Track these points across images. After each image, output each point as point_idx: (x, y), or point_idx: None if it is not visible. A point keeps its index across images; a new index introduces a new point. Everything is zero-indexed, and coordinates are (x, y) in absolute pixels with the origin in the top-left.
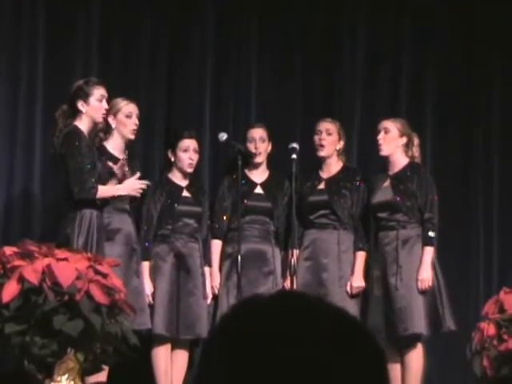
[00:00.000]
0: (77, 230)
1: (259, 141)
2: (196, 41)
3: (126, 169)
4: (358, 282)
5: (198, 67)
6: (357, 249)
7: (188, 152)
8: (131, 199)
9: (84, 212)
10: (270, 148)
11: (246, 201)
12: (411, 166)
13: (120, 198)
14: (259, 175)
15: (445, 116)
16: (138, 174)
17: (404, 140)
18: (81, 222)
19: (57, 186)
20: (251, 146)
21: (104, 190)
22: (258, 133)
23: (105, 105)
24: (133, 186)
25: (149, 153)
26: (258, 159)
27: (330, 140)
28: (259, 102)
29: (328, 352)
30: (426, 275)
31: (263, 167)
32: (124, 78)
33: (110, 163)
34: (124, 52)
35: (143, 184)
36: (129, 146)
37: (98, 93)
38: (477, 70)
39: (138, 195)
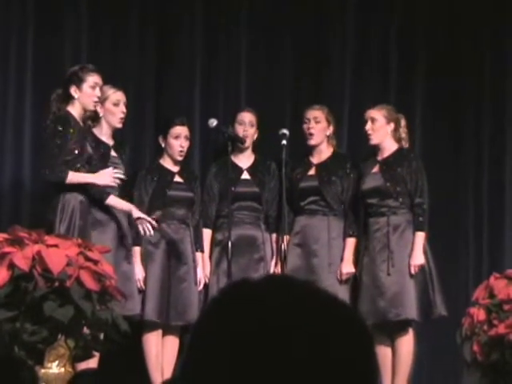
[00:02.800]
0: (59, 216)
1: (248, 124)
2: (185, 27)
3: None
4: (347, 268)
5: (188, 53)
6: (347, 235)
7: (179, 139)
8: (119, 185)
9: (67, 198)
10: (256, 135)
11: (233, 188)
12: (400, 151)
13: (94, 186)
14: (245, 160)
15: (435, 100)
16: (114, 170)
17: (392, 126)
18: (63, 208)
19: None
20: (240, 129)
21: (76, 176)
22: (248, 117)
23: (97, 92)
24: (109, 176)
25: (139, 139)
26: (246, 143)
27: (318, 128)
28: (249, 89)
29: (317, 335)
30: (419, 260)
31: (249, 152)
32: (113, 64)
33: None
34: (113, 39)
35: (118, 175)
36: (117, 132)
37: (92, 80)
38: (467, 55)
39: (114, 185)
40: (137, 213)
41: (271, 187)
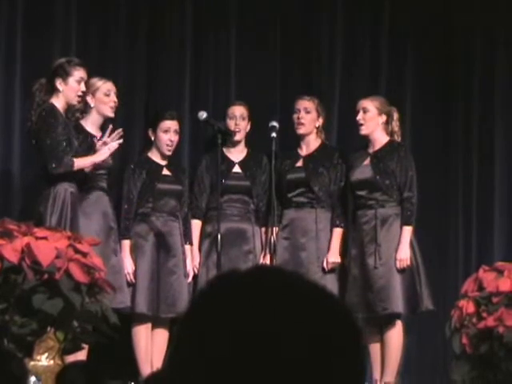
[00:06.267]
0: (50, 208)
1: (240, 118)
2: (175, 21)
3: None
4: (333, 257)
5: (178, 46)
6: (333, 225)
7: (168, 133)
8: (108, 175)
9: (58, 190)
10: (248, 127)
11: (223, 180)
12: (391, 144)
13: (100, 167)
14: (237, 154)
15: (425, 91)
16: (119, 130)
17: (383, 118)
18: (54, 200)
19: (35, 163)
20: (231, 123)
21: (79, 161)
22: (239, 110)
23: (82, 87)
24: (107, 149)
25: (128, 132)
26: (238, 137)
27: (308, 118)
28: (239, 81)
29: (305, 326)
30: (405, 255)
31: (241, 146)
32: (103, 57)
33: (96, 140)
34: (103, 32)
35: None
36: (105, 124)
37: (78, 74)
38: (458, 46)
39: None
40: (98, 157)
41: (262, 181)
